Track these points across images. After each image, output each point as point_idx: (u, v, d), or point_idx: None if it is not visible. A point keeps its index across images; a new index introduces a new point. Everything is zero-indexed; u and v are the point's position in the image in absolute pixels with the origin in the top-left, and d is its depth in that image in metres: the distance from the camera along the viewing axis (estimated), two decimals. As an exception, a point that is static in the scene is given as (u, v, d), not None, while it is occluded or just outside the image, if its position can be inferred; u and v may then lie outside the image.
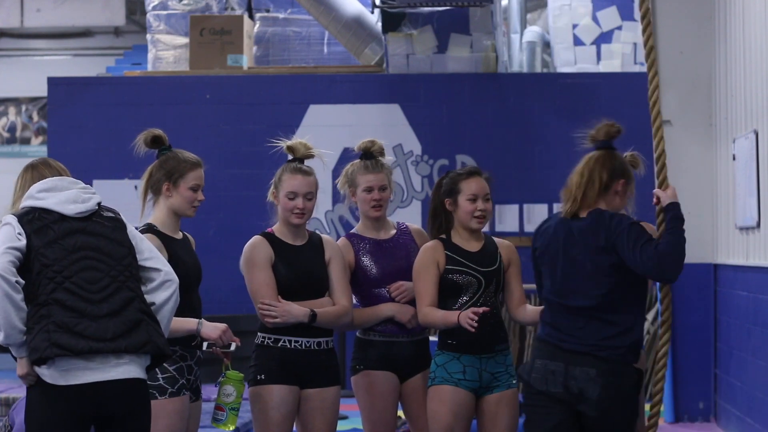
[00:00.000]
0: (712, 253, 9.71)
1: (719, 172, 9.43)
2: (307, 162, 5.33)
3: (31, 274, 4.16)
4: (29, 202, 4.31)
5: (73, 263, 4.18)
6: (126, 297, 4.21)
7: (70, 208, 4.28)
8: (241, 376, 5.02)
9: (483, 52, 10.29)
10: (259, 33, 11.24)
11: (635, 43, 10.91)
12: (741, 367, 8.66)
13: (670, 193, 4.98)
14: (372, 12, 10.77)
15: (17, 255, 4.14)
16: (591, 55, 10.81)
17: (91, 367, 4.10)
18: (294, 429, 5.27)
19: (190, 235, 5.18)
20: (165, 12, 11.27)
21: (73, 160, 10.20)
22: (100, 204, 4.37)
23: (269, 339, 5.16)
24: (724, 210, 9.21)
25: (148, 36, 11.32)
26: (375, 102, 10.45)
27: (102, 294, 4.18)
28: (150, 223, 4.99)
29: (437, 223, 5.35)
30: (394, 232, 5.53)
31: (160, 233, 4.94)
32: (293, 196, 5.23)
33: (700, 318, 9.73)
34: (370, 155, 5.48)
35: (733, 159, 8.83)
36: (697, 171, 9.20)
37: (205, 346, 5.00)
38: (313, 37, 11.28)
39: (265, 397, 5.11)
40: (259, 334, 5.20)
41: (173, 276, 4.38)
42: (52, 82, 10.79)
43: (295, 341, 5.18)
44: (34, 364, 4.11)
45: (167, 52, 11.17)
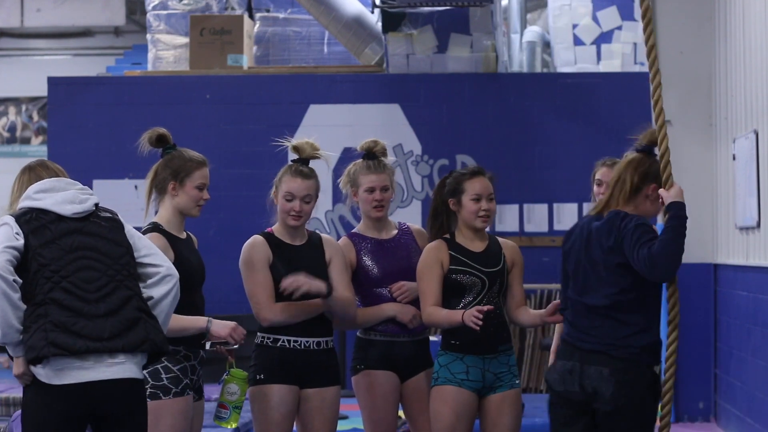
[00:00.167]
0: (712, 253, 9.71)
1: (719, 172, 9.43)
2: (311, 162, 5.33)
3: (29, 273, 4.15)
4: (27, 203, 4.31)
5: (71, 263, 4.19)
6: (124, 296, 4.21)
7: (67, 209, 4.28)
8: (245, 374, 5.02)
9: (483, 52, 10.29)
10: (260, 33, 11.24)
11: (635, 43, 10.91)
12: (741, 367, 8.66)
13: (673, 193, 4.89)
14: (372, 12, 10.76)
15: (15, 254, 4.14)
16: (591, 55, 10.81)
17: (86, 366, 4.10)
18: (294, 429, 5.27)
19: (193, 235, 5.17)
20: (165, 12, 11.27)
21: (73, 159, 10.22)
22: (97, 205, 4.37)
23: (269, 339, 5.15)
24: (724, 210, 9.21)
25: (148, 36, 11.31)
26: (375, 102, 10.45)
27: (99, 293, 4.18)
28: (155, 222, 4.98)
29: (438, 222, 5.33)
30: (395, 232, 5.53)
31: (166, 232, 4.93)
32: (291, 197, 5.22)
33: (700, 318, 9.73)
34: (373, 155, 5.47)
35: (733, 159, 8.83)
36: (697, 171, 9.20)
37: (209, 345, 5.00)
38: (313, 37, 11.27)
39: (264, 397, 5.11)
40: (258, 333, 5.20)
41: (173, 271, 4.38)
42: (52, 82, 10.79)
43: (295, 341, 5.18)
44: (30, 364, 4.11)
45: (167, 51, 11.17)
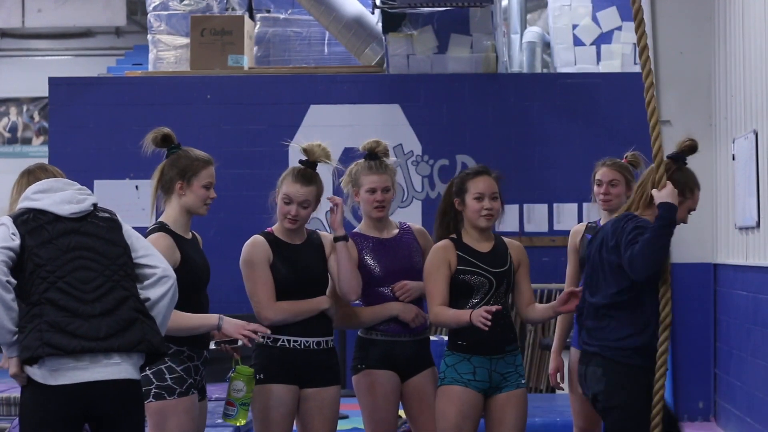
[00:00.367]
0: (711, 253, 9.72)
1: (719, 172, 9.44)
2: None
3: (24, 273, 4.15)
4: (25, 203, 4.31)
5: (67, 263, 4.18)
6: (120, 296, 4.21)
7: (64, 209, 4.28)
8: (251, 371, 5.01)
9: (483, 52, 10.29)
10: (260, 33, 11.25)
11: (635, 44, 10.89)
12: (741, 367, 8.67)
13: (663, 193, 4.89)
14: (372, 12, 10.76)
15: (10, 255, 4.14)
16: (591, 55, 10.80)
17: (81, 367, 4.09)
18: (294, 428, 5.28)
19: (198, 234, 5.17)
20: (166, 12, 11.28)
21: (74, 160, 10.22)
22: (96, 205, 4.37)
23: (268, 338, 5.16)
24: (724, 210, 9.22)
25: (149, 36, 11.32)
26: (375, 102, 10.45)
27: (95, 293, 4.17)
28: (162, 222, 4.97)
29: (445, 222, 5.34)
30: (396, 231, 5.54)
31: (172, 233, 4.92)
32: (288, 201, 5.23)
33: (700, 318, 9.74)
34: (375, 156, 5.48)
35: (733, 159, 8.84)
36: (697, 171, 9.17)
37: (213, 344, 5.00)
38: (313, 38, 11.27)
39: (264, 397, 5.12)
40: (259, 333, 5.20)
41: (170, 272, 4.37)
42: (53, 83, 10.79)
43: (295, 341, 5.19)
44: (25, 364, 4.10)
45: (168, 52, 11.17)
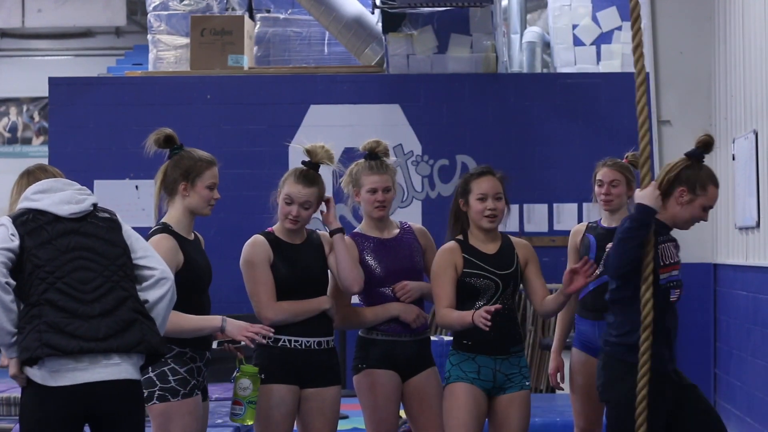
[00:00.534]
0: (711, 253, 9.72)
1: (719, 172, 9.42)
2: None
3: (24, 274, 4.15)
4: (25, 204, 4.31)
5: (66, 263, 4.18)
6: (119, 297, 4.20)
7: (64, 209, 4.27)
8: (256, 369, 5.01)
9: (483, 52, 10.29)
10: (260, 33, 11.25)
11: (635, 44, 10.90)
12: (741, 367, 8.67)
13: (641, 194, 4.85)
14: (372, 12, 10.76)
15: (9, 256, 4.13)
16: (591, 55, 10.80)
17: (80, 367, 4.09)
18: (295, 429, 5.28)
19: (200, 235, 5.15)
20: (166, 12, 11.28)
21: (74, 160, 10.22)
22: (95, 205, 4.36)
23: (269, 339, 5.16)
24: (724, 210, 9.22)
25: (149, 36, 11.32)
26: (375, 102, 10.45)
27: (94, 294, 4.16)
28: (165, 223, 4.95)
29: (459, 224, 5.32)
30: (397, 231, 5.54)
31: (175, 234, 4.90)
32: (290, 201, 5.23)
33: (700, 318, 9.74)
34: (375, 156, 5.48)
35: (733, 159, 8.84)
36: (697, 171, 9.19)
37: (216, 344, 5.00)
38: (313, 38, 11.27)
39: (265, 397, 5.11)
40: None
41: (168, 274, 4.36)
42: (53, 83, 10.79)
43: (296, 341, 5.19)
44: (25, 365, 4.10)
45: (168, 52, 11.17)
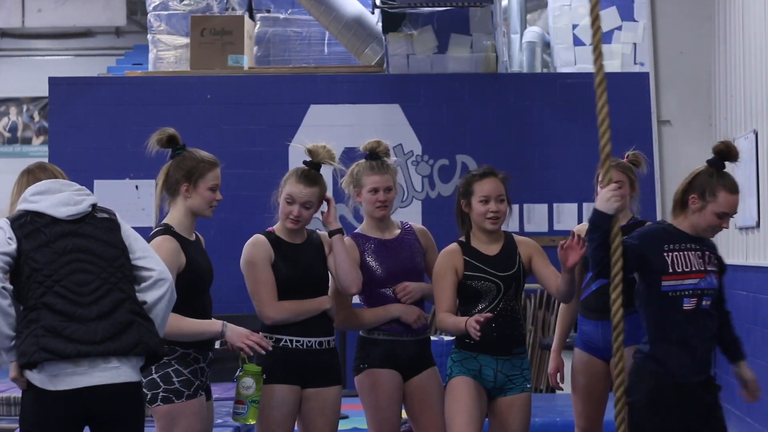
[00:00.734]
0: (711, 252, 9.69)
1: (719, 172, 9.43)
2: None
3: (21, 278, 4.13)
4: (23, 206, 4.29)
5: (63, 266, 4.15)
6: (117, 298, 4.17)
7: (61, 211, 4.24)
8: (259, 368, 5.00)
9: (483, 52, 10.29)
10: (260, 33, 11.25)
11: (635, 44, 10.92)
12: (741, 367, 8.65)
13: (597, 199, 4.73)
14: (372, 12, 10.76)
15: (7, 260, 4.12)
16: (591, 55, 10.80)
17: (79, 371, 4.07)
18: (295, 429, 5.28)
19: (201, 235, 5.14)
20: (166, 12, 11.28)
21: (74, 160, 10.22)
22: (94, 205, 4.33)
23: (271, 338, 5.16)
24: (724, 210, 9.20)
25: (149, 36, 11.32)
26: (375, 102, 10.45)
27: (92, 296, 4.14)
28: (167, 224, 4.94)
29: (466, 224, 5.29)
30: (398, 231, 5.54)
31: (177, 235, 4.88)
32: (291, 201, 5.23)
33: (700, 318, 9.71)
34: (376, 156, 5.48)
35: (733, 159, 8.82)
36: (697, 171, 9.19)
37: (219, 344, 4.99)
38: (313, 38, 11.27)
39: (266, 397, 5.11)
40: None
41: (166, 275, 4.33)
42: (53, 82, 10.79)
43: (297, 341, 5.19)
44: (23, 369, 4.09)
45: (168, 52, 11.17)
